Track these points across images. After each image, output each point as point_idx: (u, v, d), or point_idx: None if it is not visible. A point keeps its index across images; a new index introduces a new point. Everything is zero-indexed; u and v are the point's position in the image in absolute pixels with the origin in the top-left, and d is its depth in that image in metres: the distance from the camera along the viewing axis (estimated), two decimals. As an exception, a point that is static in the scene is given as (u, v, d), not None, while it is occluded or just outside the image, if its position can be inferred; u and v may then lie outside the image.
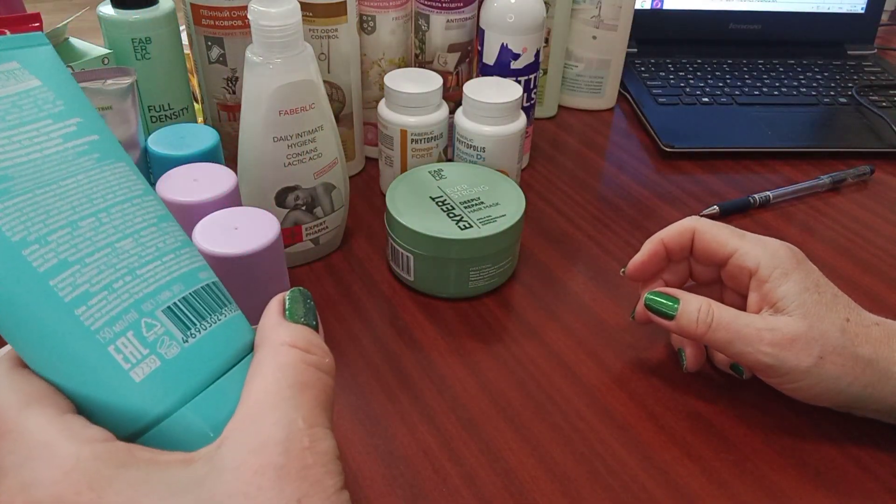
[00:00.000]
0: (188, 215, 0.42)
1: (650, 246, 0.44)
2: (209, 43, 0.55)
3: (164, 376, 0.23)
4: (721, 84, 0.81)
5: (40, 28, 0.49)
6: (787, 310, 0.38)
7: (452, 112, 0.60)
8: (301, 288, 0.27)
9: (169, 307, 0.24)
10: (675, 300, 0.41)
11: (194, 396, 0.24)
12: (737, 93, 0.79)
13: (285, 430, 0.22)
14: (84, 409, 0.23)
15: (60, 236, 0.23)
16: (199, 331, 0.25)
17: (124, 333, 0.23)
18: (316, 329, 0.26)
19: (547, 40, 0.73)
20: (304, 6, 0.52)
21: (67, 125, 0.26)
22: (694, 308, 0.40)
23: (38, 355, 0.23)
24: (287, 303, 0.26)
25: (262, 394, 0.23)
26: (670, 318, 0.41)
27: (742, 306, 0.41)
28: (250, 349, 0.26)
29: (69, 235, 0.24)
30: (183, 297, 0.25)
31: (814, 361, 0.37)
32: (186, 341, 0.24)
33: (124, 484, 0.20)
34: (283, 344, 0.24)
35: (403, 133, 0.57)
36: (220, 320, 0.26)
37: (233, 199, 0.45)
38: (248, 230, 0.41)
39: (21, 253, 0.23)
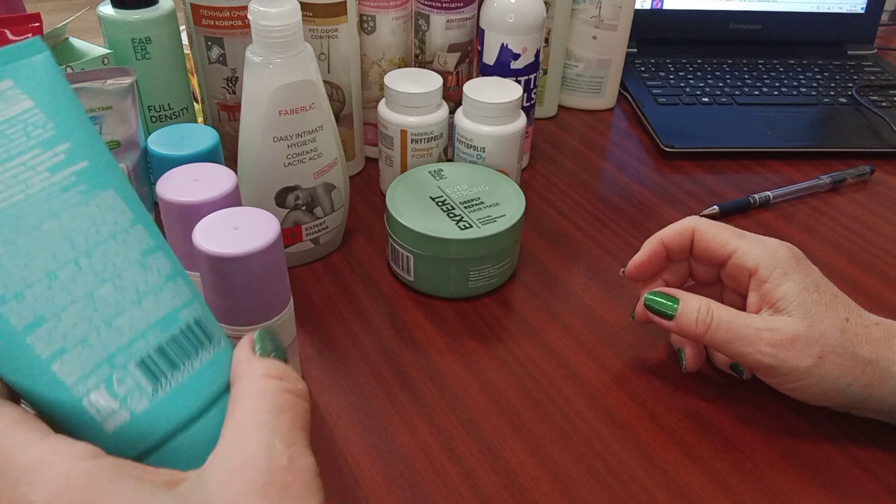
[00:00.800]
0: (188, 215, 0.42)
1: (650, 246, 0.44)
2: (209, 43, 0.55)
3: (132, 429, 0.24)
4: (721, 84, 0.81)
5: (40, 28, 0.49)
6: (786, 310, 0.38)
7: (452, 112, 0.60)
8: (264, 329, 0.29)
9: (142, 359, 0.25)
10: (675, 300, 0.41)
11: (164, 444, 0.24)
12: (737, 93, 0.79)
13: (265, 451, 0.23)
14: None
15: (37, 290, 0.23)
16: (170, 382, 0.25)
17: (96, 388, 0.24)
18: (286, 362, 0.27)
19: (547, 40, 0.73)
20: (304, 6, 0.52)
21: (56, 153, 0.25)
22: (693, 308, 0.40)
23: (24, 401, 0.24)
24: (256, 342, 0.28)
25: (242, 422, 0.24)
26: (670, 318, 0.41)
27: (742, 306, 0.41)
28: (228, 388, 0.27)
29: (46, 288, 0.24)
30: (158, 347, 0.25)
31: (813, 361, 0.37)
32: (156, 394, 0.24)
33: (115, 499, 0.21)
34: (259, 376, 0.25)
35: (403, 133, 0.57)
36: (194, 367, 0.26)
37: (233, 199, 0.45)
38: (248, 230, 0.41)
39: (0, 311, 0.23)
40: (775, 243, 0.41)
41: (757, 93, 0.79)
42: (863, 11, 0.90)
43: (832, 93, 0.80)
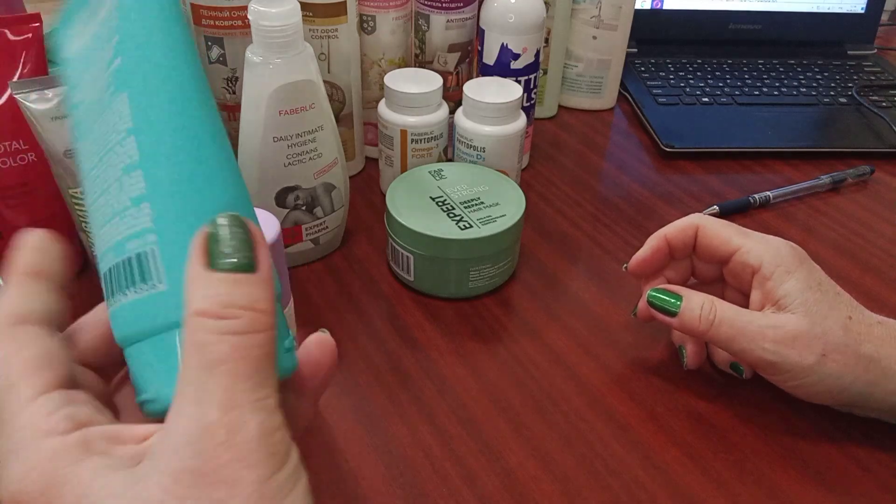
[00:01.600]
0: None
1: (653, 242, 0.44)
2: (209, 43, 0.55)
3: None
4: (721, 84, 0.81)
5: (40, 28, 0.49)
6: (789, 307, 0.38)
7: (452, 112, 0.60)
8: (221, 217, 0.21)
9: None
10: (678, 297, 0.41)
11: None
12: (737, 93, 0.79)
13: (198, 426, 0.19)
14: None
15: (84, 187, 0.26)
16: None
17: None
18: (249, 268, 0.21)
19: (547, 40, 0.73)
20: (304, 6, 0.52)
21: (107, 48, 0.25)
22: (697, 305, 0.40)
23: None
24: (208, 243, 0.20)
25: (182, 383, 0.20)
26: (673, 314, 0.40)
27: (744, 305, 0.41)
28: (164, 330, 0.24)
29: (84, 188, 0.26)
30: (103, 273, 0.25)
31: (816, 359, 0.37)
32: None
33: (72, 486, 0.20)
34: (192, 315, 0.20)
35: (403, 133, 0.57)
36: (119, 303, 0.24)
37: (233, 198, 0.45)
38: (247, 230, 0.40)
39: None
40: (778, 242, 0.41)
41: (757, 93, 0.79)
42: (863, 11, 0.90)
43: (832, 93, 0.80)
